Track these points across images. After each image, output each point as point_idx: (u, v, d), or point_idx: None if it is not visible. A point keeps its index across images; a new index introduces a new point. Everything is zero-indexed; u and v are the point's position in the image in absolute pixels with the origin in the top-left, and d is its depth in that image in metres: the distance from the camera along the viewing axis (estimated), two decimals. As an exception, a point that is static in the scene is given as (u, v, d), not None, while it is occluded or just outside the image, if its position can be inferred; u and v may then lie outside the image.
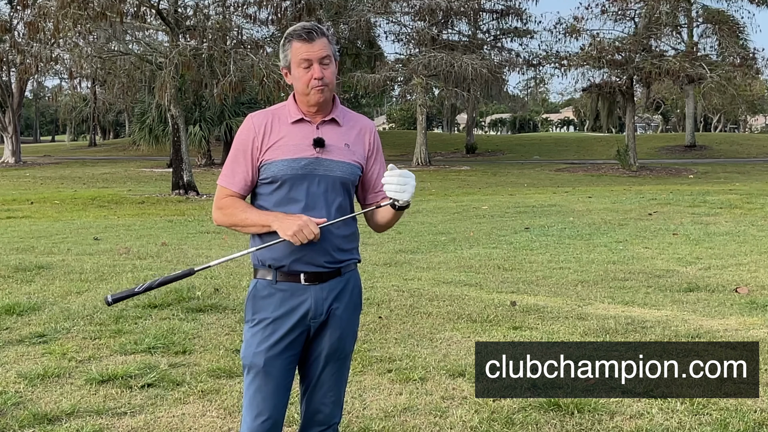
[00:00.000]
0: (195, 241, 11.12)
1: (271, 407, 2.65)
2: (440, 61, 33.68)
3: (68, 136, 74.60)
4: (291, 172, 2.60)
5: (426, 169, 34.94)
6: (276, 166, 2.61)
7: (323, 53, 2.60)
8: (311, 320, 2.65)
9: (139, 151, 43.16)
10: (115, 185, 26.59)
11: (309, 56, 2.59)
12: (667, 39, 36.95)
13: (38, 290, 7.06)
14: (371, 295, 6.70)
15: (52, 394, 4.32)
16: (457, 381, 4.50)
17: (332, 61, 2.63)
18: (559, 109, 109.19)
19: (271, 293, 2.64)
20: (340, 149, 2.66)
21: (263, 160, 2.63)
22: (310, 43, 2.60)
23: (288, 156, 2.61)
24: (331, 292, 2.66)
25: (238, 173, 2.66)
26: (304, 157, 2.61)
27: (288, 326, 2.63)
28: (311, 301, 2.64)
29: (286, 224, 2.53)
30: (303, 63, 2.60)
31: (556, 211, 14.90)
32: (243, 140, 2.66)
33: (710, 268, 8.52)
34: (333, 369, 2.76)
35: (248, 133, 2.66)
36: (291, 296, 2.63)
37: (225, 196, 2.68)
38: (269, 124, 2.65)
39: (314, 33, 2.60)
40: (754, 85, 45.63)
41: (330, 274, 2.65)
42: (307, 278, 2.63)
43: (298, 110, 2.68)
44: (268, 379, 2.64)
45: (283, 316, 2.63)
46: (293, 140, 2.63)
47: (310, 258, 2.61)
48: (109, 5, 19.70)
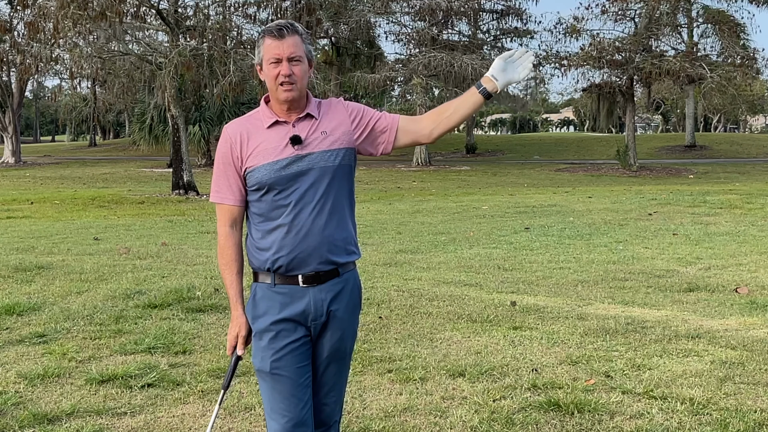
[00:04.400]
0: (195, 241, 11.12)
1: (291, 407, 2.62)
2: (440, 61, 33.68)
3: (68, 136, 74.57)
4: (275, 175, 2.59)
5: (426, 169, 34.96)
6: (259, 172, 2.60)
7: (293, 51, 2.59)
8: (312, 322, 2.65)
9: (139, 151, 43.16)
10: (115, 185, 26.59)
11: (278, 53, 2.59)
12: (668, 39, 36.99)
13: (38, 290, 7.06)
14: (371, 295, 6.70)
15: (52, 394, 4.32)
16: (457, 381, 4.50)
17: (304, 60, 2.62)
18: (559, 109, 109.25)
19: (271, 298, 2.64)
20: (318, 140, 2.64)
21: (246, 168, 2.63)
22: (280, 40, 2.59)
23: (268, 159, 2.60)
24: (330, 293, 2.65)
25: (224, 187, 2.68)
26: (285, 158, 2.60)
27: (290, 331, 2.63)
28: (311, 303, 2.63)
29: (230, 327, 2.75)
30: (272, 60, 2.60)
31: (556, 211, 14.90)
32: (223, 153, 2.66)
33: (710, 268, 8.51)
34: (334, 369, 2.76)
35: (226, 145, 2.66)
36: (291, 300, 2.62)
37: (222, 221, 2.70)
38: (245, 132, 2.64)
39: (285, 30, 2.60)
40: (754, 85, 45.64)
41: (328, 274, 2.64)
42: (305, 280, 2.62)
43: (271, 113, 2.67)
44: (281, 380, 2.62)
45: (284, 321, 2.63)
46: (271, 143, 2.62)
47: (306, 261, 2.61)
48: (108, 5, 19.69)
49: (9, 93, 39.18)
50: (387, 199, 18.97)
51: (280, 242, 2.59)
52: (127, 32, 23.45)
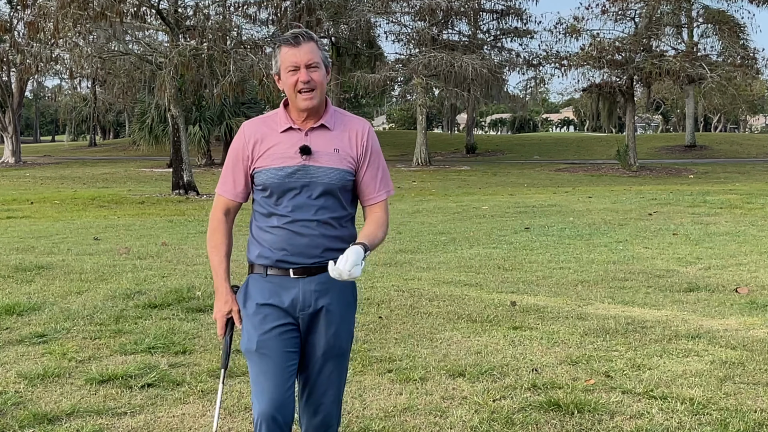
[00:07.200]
0: (195, 241, 11.12)
1: (273, 388, 2.68)
2: (440, 61, 33.68)
3: (67, 136, 74.48)
4: (277, 181, 2.67)
5: (426, 169, 34.95)
6: (265, 175, 2.69)
7: (310, 57, 2.65)
8: (300, 312, 2.71)
9: (139, 151, 43.16)
10: (115, 185, 26.59)
11: (296, 61, 2.64)
12: (668, 39, 36.97)
13: (38, 290, 7.06)
14: (371, 295, 6.70)
15: (52, 394, 4.32)
16: (457, 381, 4.50)
17: (321, 66, 2.67)
18: (559, 109, 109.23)
19: (262, 285, 2.73)
20: (329, 155, 2.69)
21: (255, 167, 2.72)
22: (296, 47, 2.65)
23: (275, 165, 2.68)
24: (320, 285, 2.70)
25: (229, 181, 2.79)
26: (290, 166, 2.67)
27: (278, 317, 2.70)
28: (299, 292, 2.70)
29: (216, 306, 2.78)
30: (290, 68, 2.65)
31: (556, 211, 14.90)
32: (235, 148, 2.77)
33: (710, 268, 8.51)
34: (331, 367, 2.78)
35: (240, 141, 2.76)
36: (280, 287, 2.71)
37: (217, 208, 2.82)
38: (260, 133, 2.73)
39: (301, 38, 2.66)
40: (755, 85, 45.57)
41: (319, 268, 2.70)
42: (296, 272, 2.70)
43: (287, 118, 2.73)
44: (266, 360, 2.69)
45: (271, 305, 2.71)
46: (281, 149, 2.69)
47: (298, 257, 2.69)
48: (109, 5, 19.69)
49: (9, 93, 39.17)
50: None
51: (276, 242, 2.69)
52: (127, 32, 23.45)
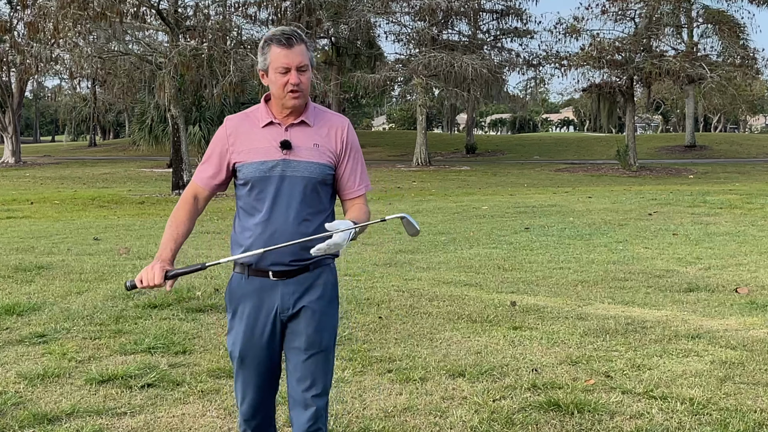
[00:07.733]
0: (195, 241, 11.11)
1: (253, 390, 2.82)
2: (440, 61, 33.68)
3: (66, 136, 74.42)
4: (259, 175, 2.71)
5: (426, 169, 34.96)
6: (246, 169, 2.73)
7: (301, 60, 2.68)
8: (281, 314, 2.77)
9: (139, 151, 43.12)
10: (115, 185, 26.59)
11: (287, 63, 2.67)
12: (668, 39, 36.97)
13: (38, 290, 7.06)
14: (371, 295, 6.71)
15: (52, 394, 4.32)
16: (457, 381, 4.50)
17: (309, 68, 2.73)
18: (559, 109, 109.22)
19: (244, 288, 2.78)
20: (309, 149, 2.74)
21: (236, 162, 2.77)
22: (288, 48, 2.68)
23: (257, 159, 2.72)
24: (299, 286, 2.75)
25: (203, 169, 2.84)
26: (272, 160, 2.71)
27: (261, 321, 2.77)
28: (279, 296, 2.75)
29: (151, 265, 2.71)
30: (281, 69, 2.68)
31: (556, 211, 14.90)
32: (216, 141, 2.82)
33: (710, 268, 8.51)
34: (314, 362, 2.78)
35: (221, 134, 2.81)
36: (261, 291, 2.76)
37: (188, 190, 2.87)
38: (242, 127, 2.78)
39: (293, 39, 2.68)
40: (754, 85, 45.59)
41: (298, 270, 2.75)
42: (275, 274, 2.74)
43: (269, 113, 2.77)
44: (248, 364, 2.80)
45: (255, 313, 2.76)
46: (262, 144, 2.73)
47: (277, 258, 2.72)
48: (109, 5, 19.70)
49: (9, 93, 39.17)
50: (387, 199, 18.97)
51: (254, 239, 2.73)
52: (127, 32, 23.46)
